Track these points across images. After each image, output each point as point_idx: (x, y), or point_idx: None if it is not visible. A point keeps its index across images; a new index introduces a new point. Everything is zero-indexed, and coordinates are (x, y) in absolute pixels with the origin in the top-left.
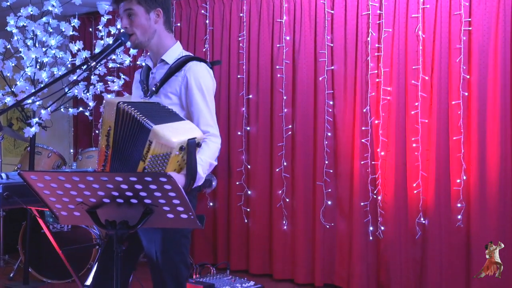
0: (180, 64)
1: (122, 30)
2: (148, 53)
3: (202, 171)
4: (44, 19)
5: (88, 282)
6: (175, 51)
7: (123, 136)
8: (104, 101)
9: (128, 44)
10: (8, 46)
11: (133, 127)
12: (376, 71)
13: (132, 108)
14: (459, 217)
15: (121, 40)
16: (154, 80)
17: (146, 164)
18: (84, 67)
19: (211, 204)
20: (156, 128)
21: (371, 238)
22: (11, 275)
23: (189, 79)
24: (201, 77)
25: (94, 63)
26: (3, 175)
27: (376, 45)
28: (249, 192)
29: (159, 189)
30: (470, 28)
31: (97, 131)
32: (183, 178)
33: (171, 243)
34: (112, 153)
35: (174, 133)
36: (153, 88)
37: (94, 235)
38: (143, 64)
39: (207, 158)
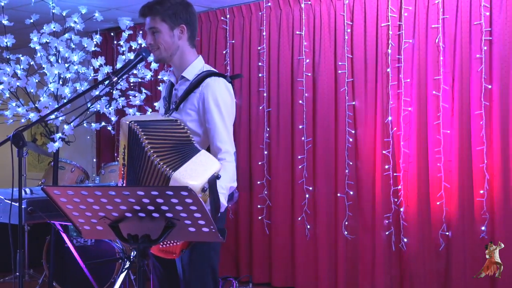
0: (199, 80)
1: (143, 45)
2: (171, 68)
3: (225, 199)
4: (66, 35)
5: None
6: (195, 67)
7: (134, 156)
8: (120, 120)
9: (150, 58)
10: (31, 63)
11: (143, 155)
12: (396, 82)
13: (143, 133)
14: (483, 228)
15: (142, 56)
16: (176, 97)
17: None
18: (106, 82)
19: (233, 217)
20: (176, 176)
21: (394, 250)
22: None
23: (206, 96)
24: (218, 93)
25: (116, 78)
26: (27, 190)
27: (397, 56)
28: (270, 205)
29: (180, 203)
30: (490, 38)
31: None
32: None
33: (198, 255)
34: (127, 171)
35: (194, 176)
36: (173, 106)
37: (117, 249)
38: (165, 78)
39: (227, 184)
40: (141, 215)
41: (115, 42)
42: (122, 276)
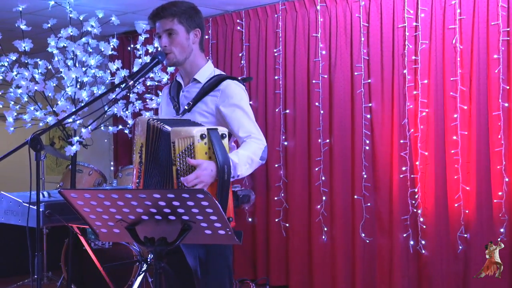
0: (215, 83)
1: (159, 49)
2: (179, 71)
3: (239, 159)
4: (83, 39)
5: None
6: (206, 71)
7: (154, 149)
8: (135, 120)
9: (164, 62)
10: (49, 67)
11: (158, 137)
12: (413, 84)
13: (160, 122)
14: (501, 230)
15: (158, 59)
16: (186, 99)
17: (177, 166)
18: (123, 86)
19: (250, 219)
20: (175, 128)
21: (411, 252)
22: None
23: (226, 98)
24: (238, 94)
25: (132, 81)
26: (45, 193)
27: (413, 57)
28: (287, 207)
29: (196, 206)
30: (508, 38)
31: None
32: (213, 164)
33: (216, 255)
34: (145, 168)
35: (193, 127)
36: (186, 107)
37: (135, 252)
38: (164, 79)
39: (244, 152)
40: (158, 217)
41: (132, 45)
42: (139, 278)
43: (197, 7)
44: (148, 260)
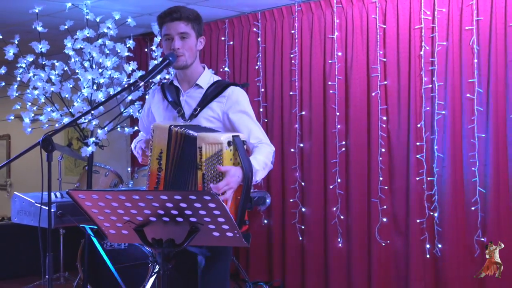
0: (220, 89)
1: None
2: (176, 75)
3: (258, 164)
4: (100, 41)
5: None
6: (206, 76)
7: (178, 155)
8: (152, 126)
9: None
10: (65, 68)
11: (182, 142)
12: (430, 85)
13: (183, 129)
14: None
15: (169, 60)
16: (188, 104)
17: (204, 171)
18: (135, 87)
19: (265, 221)
20: (201, 134)
21: (428, 256)
22: None
23: (233, 104)
24: (244, 101)
25: (142, 82)
26: (58, 194)
27: (430, 59)
28: (303, 209)
29: (203, 208)
30: None
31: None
32: (240, 170)
33: (221, 254)
34: (165, 174)
35: (219, 134)
36: (193, 112)
37: (147, 253)
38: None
39: (260, 157)
40: (165, 219)
41: (148, 47)
42: (151, 280)
43: None
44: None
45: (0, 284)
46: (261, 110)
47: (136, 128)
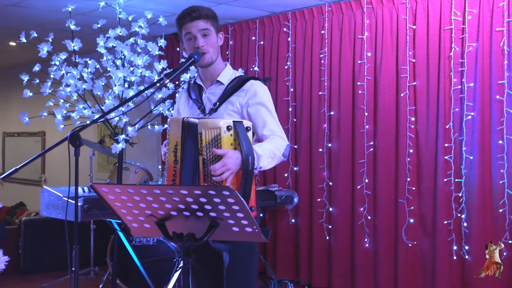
0: (239, 83)
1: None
2: (199, 74)
3: (262, 150)
4: (132, 39)
5: None
6: (228, 72)
7: (186, 145)
8: (168, 120)
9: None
10: (97, 66)
11: (188, 132)
12: (459, 87)
13: (188, 118)
14: None
15: (194, 58)
16: (209, 100)
17: (204, 156)
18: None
19: (293, 220)
20: (202, 120)
21: (455, 257)
22: (100, 286)
23: (251, 97)
24: (263, 94)
25: (168, 80)
26: (85, 189)
27: (460, 60)
28: (330, 209)
29: (223, 203)
30: None
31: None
32: (238, 152)
33: (246, 252)
34: (180, 166)
35: (219, 119)
36: (212, 107)
37: (173, 248)
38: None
39: (267, 146)
40: (186, 214)
41: (180, 46)
42: (176, 275)
43: None
44: None
45: (33, 277)
46: (290, 109)
47: (165, 126)
